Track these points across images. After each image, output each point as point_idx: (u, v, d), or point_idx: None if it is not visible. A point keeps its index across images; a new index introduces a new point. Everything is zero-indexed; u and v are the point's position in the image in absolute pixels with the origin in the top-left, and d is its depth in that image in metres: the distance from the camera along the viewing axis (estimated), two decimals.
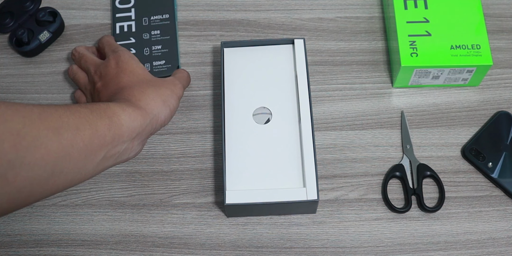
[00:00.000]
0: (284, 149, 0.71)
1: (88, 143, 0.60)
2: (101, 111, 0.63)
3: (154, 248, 0.73)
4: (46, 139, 0.56)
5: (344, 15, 0.86)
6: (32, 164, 0.54)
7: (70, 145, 0.58)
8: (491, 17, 0.85)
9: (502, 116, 0.78)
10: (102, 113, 0.63)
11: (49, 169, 0.56)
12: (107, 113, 0.63)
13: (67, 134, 0.58)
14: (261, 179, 0.70)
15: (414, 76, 0.78)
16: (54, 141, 0.56)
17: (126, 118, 0.64)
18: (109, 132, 0.62)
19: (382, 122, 0.79)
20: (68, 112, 0.60)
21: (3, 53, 0.84)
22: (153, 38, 0.83)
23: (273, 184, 0.69)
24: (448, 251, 0.72)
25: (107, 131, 0.62)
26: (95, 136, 0.61)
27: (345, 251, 0.73)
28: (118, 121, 0.63)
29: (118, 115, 0.64)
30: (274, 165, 0.71)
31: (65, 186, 0.60)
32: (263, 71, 0.76)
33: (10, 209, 0.56)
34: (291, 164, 0.71)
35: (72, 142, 0.58)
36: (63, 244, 0.73)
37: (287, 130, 0.72)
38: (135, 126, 0.65)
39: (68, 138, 0.58)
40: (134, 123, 0.65)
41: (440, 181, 0.75)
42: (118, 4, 0.86)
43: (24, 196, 0.55)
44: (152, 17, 0.85)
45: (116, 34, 0.84)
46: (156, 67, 0.81)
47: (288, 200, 0.68)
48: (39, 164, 0.55)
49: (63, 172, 0.58)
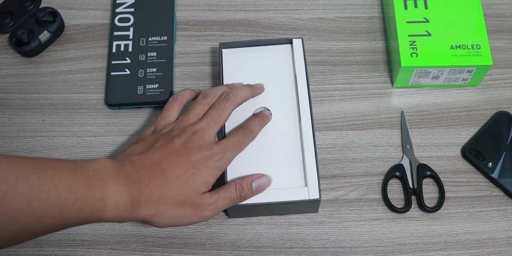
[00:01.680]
0: (285, 149, 0.71)
1: (49, 228, 0.54)
2: (88, 203, 0.55)
3: (154, 248, 0.73)
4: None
5: (344, 15, 0.86)
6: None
7: (24, 230, 0.52)
8: (491, 17, 0.85)
9: (502, 116, 0.78)
10: (88, 205, 0.55)
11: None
12: (94, 206, 0.55)
13: (27, 220, 0.52)
14: None
15: (414, 76, 0.78)
16: (6, 227, 0.51)
17: (111, 216, 0.57)
18: (80, 222, 0.56)
19: (382, 122, 0.79)
20: (45, 195, 0.52)
21: (3, 53, 0.84)
22: (149, 60, 0.82)
23: (274, 184, 0.69)
24: (448, 251, 0.72)
25: (78, 221, 0.56)
26: (60, 223, 0.54)
27: (345, 251, 0.73)
28: (99, 216, 0.57)
29: (104, 211, 0.56)
30: (275, 165, 0.70)
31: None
32: (262, 71, 0.76)
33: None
34: (292, 164, 0.70)
35: (29, 228, 0.52)
36: (63, 244, 0.73)
37: (287, 130, 0.72)
38: (115, 221, 0.58)
39: (26, 224, 0.52)
40: (116, 219, 0.58)
41: (440, 181, 0.75)
42: (117, 22, 0.85)
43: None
44: (150, 37, 0.83)
45: (112, 53, 0.82)
46: (149, 90, 0.80)
47: (290, 200, 0.68)
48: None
49: (8, 245, 0.53)
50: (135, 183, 0.59)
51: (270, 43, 0.77)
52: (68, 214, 0.54)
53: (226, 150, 0.64)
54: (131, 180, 0.59)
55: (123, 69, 0.81)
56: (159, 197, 0.60)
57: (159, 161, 0.61)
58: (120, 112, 0.80)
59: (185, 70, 0.83)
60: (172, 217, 0.61)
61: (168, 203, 0.60)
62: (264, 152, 0.71)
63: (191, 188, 0.61)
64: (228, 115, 0.67)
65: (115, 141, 0.78)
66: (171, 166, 0.61)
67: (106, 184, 0.57)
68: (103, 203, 0.56)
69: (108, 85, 0.81)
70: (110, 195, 0.57)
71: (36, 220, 0.52)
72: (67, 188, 0.54)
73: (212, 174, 0.63)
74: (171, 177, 0.61)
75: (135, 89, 0.80)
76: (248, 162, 0.70)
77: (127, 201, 0.58)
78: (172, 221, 0.62)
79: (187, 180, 0.61)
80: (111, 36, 0.84)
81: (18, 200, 0.51)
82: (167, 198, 0.60)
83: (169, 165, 0.61)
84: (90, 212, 0.56)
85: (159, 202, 0.60)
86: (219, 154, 0.63)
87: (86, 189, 0.55)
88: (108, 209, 0.57)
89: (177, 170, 0.61)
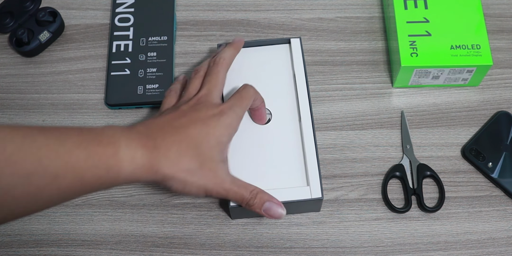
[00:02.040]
0: (286, 149, 0.71)
1: (65, 190, 0.51)
2: (102, 159, 0.53)
3: (154, 248, 0.73)
4: (8, 186, 0.48)
5: (344, 15, 0.86)
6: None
7: (39, 192, 0.50)
8: (491, 17, 0.85)
9: (502, 116, 0.78)
10: (102, 161, 0.53)
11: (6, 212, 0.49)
12: (109, 162, 0.53)
13: (40, 181, 0.49)
14: (263, 180, 0.70)
15: (414, 76, 0.78)
16: (19, 189, 0.48)
17: (129, 172, 0.55)
18: (98, 181, 0.53)
19: (382, 122, 0.79)
20: (54, 153, 0.50)
21: (3, 53, 0.84)
22: (149, 60, 0.82)
23: (276, 184, 0.69)
24: (448, 251, 0.72)
25: (96, 181, 0.53)
26: (77, 184, 0.52)
27: (345, 251, 0.73)
28: (117, 173, 0.54)
29: (120, 167, 0.54)
30: (276, 164, 0.70)
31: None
32: (261, 72, 0.76)
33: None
34: (294, 163, 0.70)
35: (43, 190, 0.50)
36: (63, 244, 0.73)
37: (288, 130, 0.72)
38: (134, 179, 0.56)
39: (39, 186, 0.50)
40: (135, 177, 0.56)
41: (440, 181, 0.75)
42: (117, 22, 0.85)
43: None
44: (150, 37, 0.83)
45: (112, 53, 0.82)
46: (149, 90, 0.80)
47: (293, 199, 0.68)
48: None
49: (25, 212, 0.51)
50: (149, 139, 0.57)
51: (268, 43, 0.77)
52: (83, 172, 0.52)
53: (234, 106, 0.64)
54: (144, 136, 0.57)
55: (123, 69, 0.81)
56: (177, 155, 0.58)
57: (170, 121, 0.60)
58: (120, 112, 0.80)
59: (185, 70, 0.83)
60: (191, 181, 0.59)
61: (187, 163, 0.58)
62: (265, 152, 0.71)
63: (208, 152, 0.60)
64: (223, 78, 0.68)
65: None
66: (184, 126, 0.60)
67: (116, 140, 0.55)
68: (117, 158, 0.54)
69: (108, 85, 0.81)
70: (123, 149, 0.54)
71: (49, 181, 0.50)
72: (76, 145, 0.52)
73: (225, 133, 0.62)
74: (185, 136, 0.59)
75: (135, 89, 0.80)
76: (250, 162, 0.70)
77: (143, 155, 0.56)
78: (190, 184, 0.59)
79: (202, 141, 0.59)
80: (111, 36, 0.84)
81: (28, 160, 0.49)
82: (186, 157, 0.58)
83: (181, 124, 0.60)
84: (106, 169, 0.53)
85: (178, 161, 0.58)
86: (227, 111, 0.63)
87: (96, 146, 0.53)
88: (124, 164, 0.54)
89: (191, 129, 0.60)
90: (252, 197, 0.64)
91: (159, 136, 0.58)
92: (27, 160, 0.49)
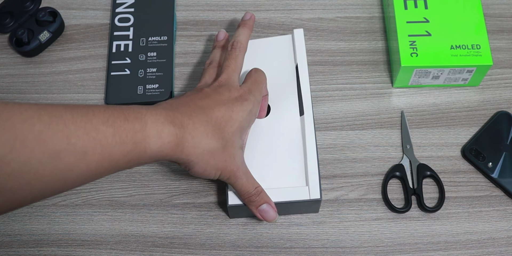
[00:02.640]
0: (285, 145, 0.70)
1: (94, 167, 0.51)
2: (129, 134, 0.53)
3: (154, 248, 0.73)
4: (39, 165, 0.48)
5: (344, 15, 0.86)
6: (16, 189, 0.47)
7: (69, 170, 0.50)
8: (491, 17, 0.85)
9: (502, 116, 0.78)
10: (129, 136, 0.53)
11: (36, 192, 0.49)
12: (136, 137, 0.53)
13: (69, 158, 0.49)
14: (261, 177, 0.69)
15: (414, 76, 0.78)
16: (49, 167, 0.48)
17: (156, 147, 0.54)
18: (125, 157, 0.53)
19: (382, 122, 0.79)
20: (82, 130, 0.50)
21: (3, 53, 0.84)
22: (149, 60, 0.82)
23: (274, 182, 0.69)
24: (448, 251, 0.72)
25: (123, 157, 0.53)
26: (105, 161, 0.52)
27: (345, 251, 0.73)
28: (144, 149, 0.54)
29: (147, 142, 0.54)
30: (275, 162, 0.70)
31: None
32: (262, 63, 0.75)
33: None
34: (293, 162, 0.69)
35: (73, 167, 0.50)
36: (63, 244, 0.73)
37: (288, 125, 0.71)
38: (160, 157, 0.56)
39: (69, 163, 0.49)
40: (161, 154, 0.55)
41: (440, 181, 0.75)
42: (117, 22, 0.85)
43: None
44: (150, 38, 0.83)
45: (112, 53, 0.82)
46: (149, 90, 0.80)
47: (291, 199, 0.67)
48: (23, 188, 0.48)
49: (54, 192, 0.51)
50: (176, 116, 0.56)
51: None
52: (111, 148, 0.51)
53: (253, 91, 0.64)
54: (170, 113, 0.56)
55: (123, 69, 0.81)
56: (204, 135, 0.57)
57: (195, 101, 0.60)
58: None
59: (185, 70, 0.83)
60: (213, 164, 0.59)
61: (212, 146, 0.58)
62: (264, 148, 0.70)
63: (230, 136, 0.60)
64: (241, 61, 0.68)
65: None
66: (209, 107, 0.60)
67: (143, 115, 0.54)
68: (144, 133, 0.53)
69: (108, 85, 0.81)
70: (150, 124, 0.54)
71: (79, 158, 0.50)
72: (103, 121, 0.51)
73: (247, 118, 0.62)
74: (211, 117, 0.59)
75: (135, 89, 0.80)
76: (249, 160, 0.70)
77: (170, 131, 0.55)
78: (211, 166, 0.59)
79: (226, 124, 0.59)
80: (111, 36, 0.84)
81: (56, 137, 0.48)
82: (212, 139, 0.58)
83: (206, 105, 0.60)
84: (133, 144, 0.52)
85: (203, 142, 0.57)
86: (248, 96, 0.63)
87: (123, 121, 0.53)
88: (151, 139, 0.54)
89: (216, 111, 0.60)
90: (255, 194, 0.64)
91: (186, 114, 0.57)
92: (56, 138, 0.48)
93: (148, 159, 0.55)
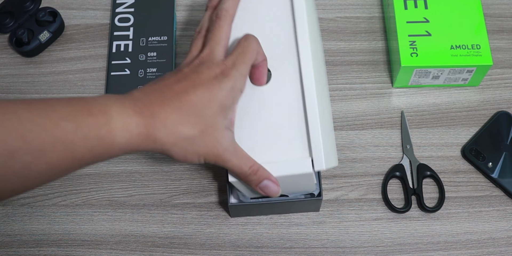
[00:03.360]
0: (286, 116, 0.61)
1: (56, 165, 0.49)
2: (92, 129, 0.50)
3: (154, 248, 0.73)
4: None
5: (344, 15, 0.86)
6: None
7: (26, 169, 0.47)
8: (491, 17, 0.85)
9: (502, 116, 0.78)
10: (93, 131, 0.50)
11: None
12: (100, 132, 0.50)
13: (26, 157, 0.47)
14: (260, 151, 0.61)
15: (414, 76, 0.78)
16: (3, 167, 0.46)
17: (124, 141, 0.52)
18: (90, 153, 0.50)
19: (382, 122, 0.79)
20: (39, 127, 0.47)
21: (3, 53, 0.84)
22: (149, 60, 0.82)
23: (273, 155, 0.61)
24: (448, 251, 0.72)
25: (88, 152, 0.50)
26: (68, 158, 0.49)
27: (345, 251, 0.73)
28: (110, 143, 0.51)
29: (113, 136, 0.51)
30: (275, 134, 0.61)
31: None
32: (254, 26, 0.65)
33: None
34: (295, 133, 0.61)
35: (31, 166, 0.47)
36: (63, 244, 0.73)
37: (290, 93, 0.62)
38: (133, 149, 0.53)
39: (26, 162, 0.47)
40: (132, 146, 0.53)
41: (440, 181, 0.75)
42: (117, 22, 0.85)
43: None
44: (150, 38, 0.83)
45: (112, 53, 0.82)
46: None
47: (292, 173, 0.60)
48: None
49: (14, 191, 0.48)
50: (146, 106, 0.54)
51: None
52: (73, 145, 0.49)
53: (237, 64, 0.58)
54: (140, 103, 0.53)
55: (123, 69, 0.81)
56: (177, 123, 0.54)
57: (170, 86, 0.56)
58: None
59: None
60: (192, 150, 0.55)
61: (188, 132, 0.55)
62: (262, 118, 0.62)
63: (210, 118, 0.56)
64: (227, 32, 0.61)
65: None
66: (184, 90, 0.56)
67: (109, 108, 0.51)
68: (109, 127, 0.50)
69: (108, 85, 0.81)
70: (116, 117, 0.51)
71: (37, 157, 0.47)
72: (64, 116, 0.49)
73: (228, 96, 0.57)
74: (186, 102, 0.55)
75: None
76: (245, 130, 0.62)
77: (139, 123, 0.52)
78: (191, 153, 0.56)
79: (203, 107, 0.55)
80: (111, 36, 0.84)
81: (10, 136, 0.46)
82: (187, 125, 0.55)
83: (181, 89, 0.56)
84: (98, 140, 0.50)
85: (177, 129, 0.54)
86: (230, 71, 0.57)
87: (86, 115, 0.50)
88: (117, 133, 0.51)
89: (191, 95, 0.55)
90: (252, 173, 0.60)
91: (157, 102, 0.54)
92: (9, 137, 0.46)
93: (120, 152, 0.53)
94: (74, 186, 0.76)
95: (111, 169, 0.77)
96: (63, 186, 0.76)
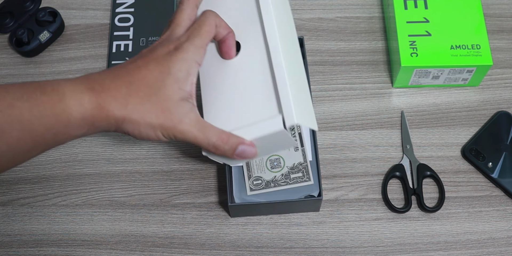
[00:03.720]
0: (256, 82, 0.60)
1: (16, 145, 0.50)
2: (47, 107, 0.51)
3: (154, 248, 0.73)
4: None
5: (344, 15, 0.86)
6: None
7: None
8: (491, 17, 0.85)
9: (502, 116, 0.78)
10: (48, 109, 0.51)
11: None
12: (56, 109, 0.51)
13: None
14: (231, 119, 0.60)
15: (414, 76, 0.78)
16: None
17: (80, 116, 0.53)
18: (49, 131, 0.51)
19: (382, 122, 0.79)
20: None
21: (3, 53, 0.84)
22: None
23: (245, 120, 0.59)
24: (448, 251, 0.72)
25: (47, 131, 0.51)
26: (27, 137, 0.50)
27: (345, 251, 0.73)
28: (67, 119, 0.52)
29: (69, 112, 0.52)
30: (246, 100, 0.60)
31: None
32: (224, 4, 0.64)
33: None
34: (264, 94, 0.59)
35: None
36: (63, 244, 0.73)
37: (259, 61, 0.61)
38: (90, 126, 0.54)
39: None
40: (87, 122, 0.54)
41: (440, 181, 0.75)
42: (117, 22, 0.85)
43: None
44: (150, 38, 0.83)
45: (112, 53, 0.83)
46: None
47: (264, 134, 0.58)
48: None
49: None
50: (97, 82, 0.54)
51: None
52: (31, 124, 0.50)
53: (191, 37, 0.57)
54: (91, 80, 0.54)
55: None
56: (127, 95, 0.54)
57: (125, 65, 0.57)
58: None
59: None
60: (144, 122, 0.55)
61: (138, 103, 0.55)
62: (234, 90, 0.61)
63: (162, 90, 0.55)
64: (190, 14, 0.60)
65: (116, 141, 0.78)
66: (137, 67, 0.56)
67: (62, 86, 0.52)
68: (63, 103, 0.51)
69: None
70: (69, 94, 0.52)
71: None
72: (18, 97, 0.50)
73: (182, 68, 0.56)
74: (138, 77, 0.55)
75: None
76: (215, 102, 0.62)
77: (91, 97, 0.53)
78: (144, 126, 0.56)
79: (155, 81, 0.55)
80: (111, 36, 0.84)
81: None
82: (137, 98, 0.55)
83: (135, 66, 0.56)
84: (54, 117, 0.51)
85: (127, 101, 0.54)
86: (184, 44, 0.57)
87: (39, 95, 0.51)
88: (72, 108, 0.52)
89: (143, 70, 0.56)
90: (222, 143, 0.58)
91: (108, 78, 0.55)
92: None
93: (79, 130, 0.54)
94: (74, 186, 0.76)
95: (111, 169, 0.77)
96: (63, 186, 0.76)
